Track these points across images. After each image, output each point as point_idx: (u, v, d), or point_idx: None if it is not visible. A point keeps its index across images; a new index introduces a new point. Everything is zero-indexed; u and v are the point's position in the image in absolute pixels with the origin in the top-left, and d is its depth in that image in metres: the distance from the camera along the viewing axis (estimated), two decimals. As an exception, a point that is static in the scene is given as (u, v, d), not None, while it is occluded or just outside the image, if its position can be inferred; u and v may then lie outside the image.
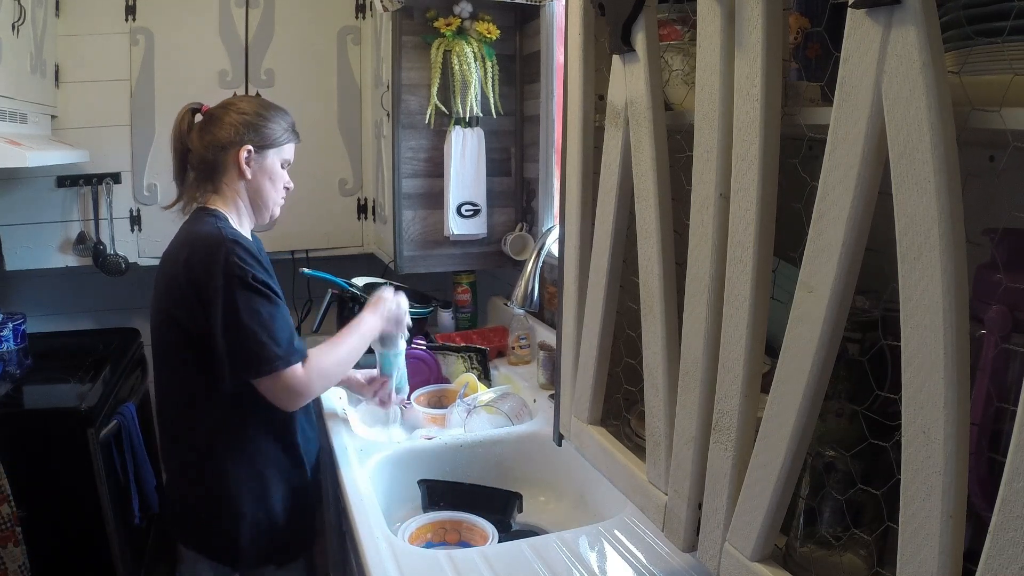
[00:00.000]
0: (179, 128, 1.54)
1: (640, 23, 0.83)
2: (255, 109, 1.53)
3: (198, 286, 1.39)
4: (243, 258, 1.40)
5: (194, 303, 1.39)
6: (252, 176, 1.52)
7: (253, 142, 1.50)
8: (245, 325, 1.37)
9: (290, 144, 1.58)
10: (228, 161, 1.51)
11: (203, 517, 1.50)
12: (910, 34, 0.52)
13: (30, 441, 1.87)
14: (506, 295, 2.42)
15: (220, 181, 1.52)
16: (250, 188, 1.53)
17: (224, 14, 2.43)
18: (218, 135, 1.50)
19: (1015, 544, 0.47)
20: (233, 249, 1.40)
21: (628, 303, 0.97)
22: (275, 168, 1.55)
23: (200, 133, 1.52)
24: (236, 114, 1.51)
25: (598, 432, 1.01)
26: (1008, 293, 0.59)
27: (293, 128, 1.59)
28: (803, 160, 0.70)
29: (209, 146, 1.50)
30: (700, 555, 0.79)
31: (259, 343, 1.37)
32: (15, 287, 2.60)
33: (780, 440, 0.66)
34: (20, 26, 1.93)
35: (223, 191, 1.53)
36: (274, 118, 1.54)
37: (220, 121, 1.50)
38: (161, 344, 1.50)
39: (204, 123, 1.53)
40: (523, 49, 2.27)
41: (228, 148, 1.50)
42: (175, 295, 1.42)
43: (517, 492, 1.49)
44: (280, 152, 1.56)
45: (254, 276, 1.39)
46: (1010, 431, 0.47)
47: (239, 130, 1.49)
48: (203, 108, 1.56)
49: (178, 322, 1.43)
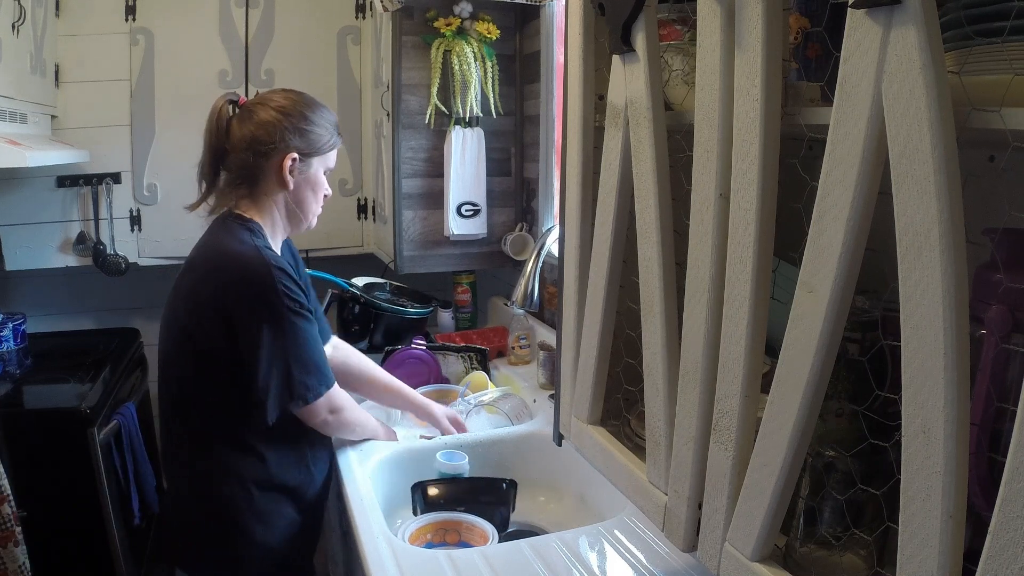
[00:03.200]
0: (216, 123, 1.40)
1: (640, 23, 0.83)
2: (300, 109, 1.41)
3: (227, 312, 1.32)
4: (289, 287, 1.34)
5: (219, 324, 1.33)
6: (295, 186, 1.42)
7: (299, 149, 1.39)
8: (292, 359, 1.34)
9: (335, 150, 1.48)
10: (270, 167, 1.39)
11: (209, 540, 1.43)
12: (910, 34, 0.52)
13: (30, 441, 1.87)
14: (506, 295, 2.42)
15: (258, 188, 1.41)
16: (291, 198, 1.43)
17: (224, 14, 2.43)
18: (260, 136, 1.37)
19: (1015, 544, 0.47)
20: (279, 277, 1.33)
21: (628, 303, 0.97)
22: (318, 177, 1.46)
23: (240, 130, 1.38)
24: (279, 113, 1.38)
25: (598, 432, 1.01)
26: (1008, 293, 0.59)
27: (337, 129, 1.48)
28: (803, 160, 0.70)
29: (250, 148, 1.37)
30: (700, 555, 0.79)
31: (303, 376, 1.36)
32: (15, 287, 2.60)
33: (780, 440, 0.66)
34: (20, 26, 1.93)
35: (260, 199, 1.42)
36: (320, 120, 1.43)
37: (262, 119, 1.38)
38: (173, 355, 1.42)
39: (242, 119, 1.39)
40: (523, 49, 2.27)
41: (271, 154, 1.38)
42: (197, 314, 1.36)
43: (512, 480, 1.48)
44: (325, 160, 1.46)
45: (300, 303, 1.36)
46: (1010, 431, 0.47)
47: (284, 134, 1.37)
48: (240, 100, 1.43)
49: (193, 338, 1.37)
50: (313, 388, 1.38)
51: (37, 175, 2.33)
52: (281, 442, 1.43)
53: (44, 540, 1.84)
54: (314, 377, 1.38)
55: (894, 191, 0.54)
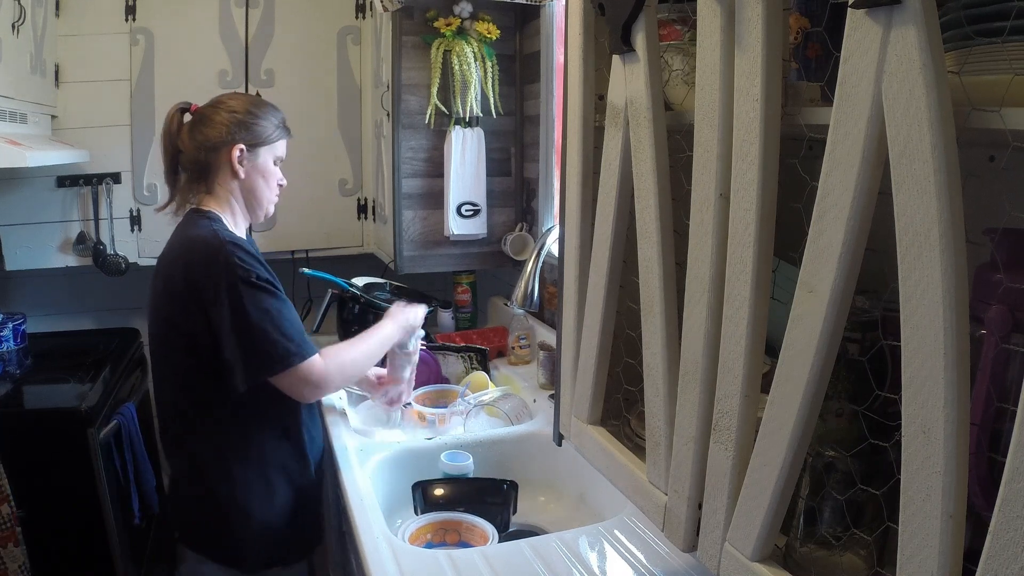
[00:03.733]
0: (169, 129, 1.53)
1: (640, 23, 0.83)
2: (245, 107, 1.51)
3: (198, 290, 1.38)
4: (243, 259, 1.39)
5: (194, 308, 1.39)
6: (245, 175, 1.51)
7: (245, 140, 1.49)
8: (255, 324, 1.37)
9: (282, 140, 1.57)
10: (220, 161, 1.49)
11: (209, 520, 1.49)
12: (910, 34, 0.52)
13: (30, 441, 1.87)
14: (506, 295, 2.42)
15: (213, 181, 1.51)
16: (244, 187, 1.52)
17: (224, 14, 2.43)
18: (209, 134, 1.48)
19: (1015, 544, 0.47)
20: (232, 251, 1.39)
21: (628, 303, 0.97)
22: (268, 165, 1.54)
23: (191, 133, 1.50)
24: (226, 112, 1.49)
25: (598, 432, 1.01)
26: (1008, 293, 0.59)
27: (284, 124, 1.58)
28: (803, 160, 0.70)
29: (200, 146, 1.48)
30: (700, 555, 0.79)
31: (271, 340, 1.37)
32: (15, 287, 2.60)
33: (780, 440, 0.66)
34: (20, 26, 1.93)
35: (216, 191, 1.51)
36: (264, 115, 1.53)
37: (210, 120, 1.49)
38: (161, 349, 1.49)
39: (194, 123, 1.51)
40: (523, 49, 2.27)
41: (219, 148, 1.48)
42: (174, 300, 1.42)
43: (512, 481, 1.48)
44: (272, 149, 1.55)
45: (257, 275, 1.39)
46: (1010, 431, 0.47)
47: (230, 129, 1.48)
48: (192, 107, 1.54)
49: (178, 327, 1.42)
50: (280, 358, 1.38)
51: (37, 175, 2.33)
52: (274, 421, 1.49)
53: (44, 540, 1.84)
54: (281, 347, 1.38)
55: (894, 191, 0.54)
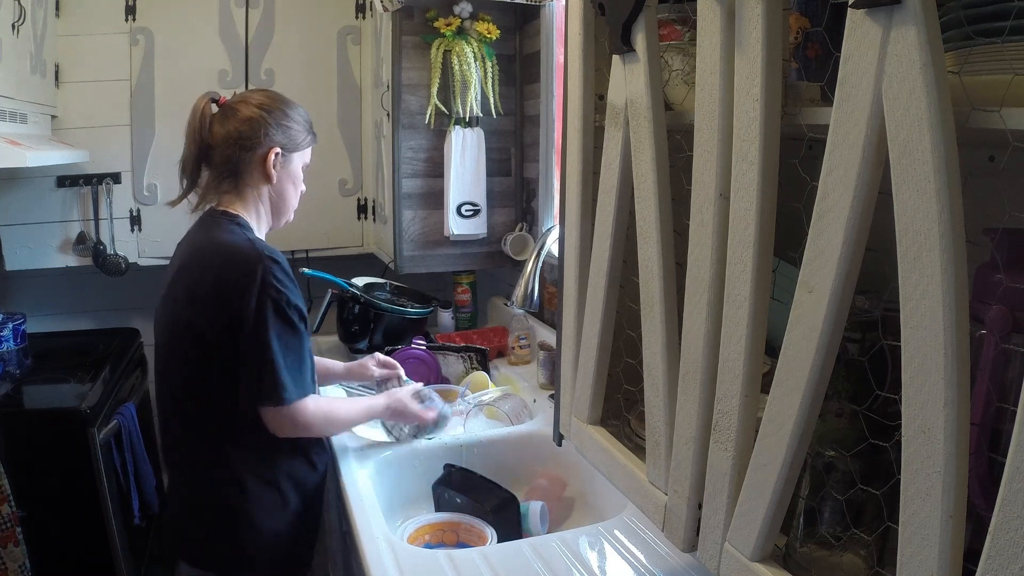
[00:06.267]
0: (199, 120, 1.44)
1: (640, 23, 0.83)
2: (280, 107, 1.46)
3: (227, 301, 1.34)
4: (280, 279, 1.35)
5: (221, 317, 1.34)
6: (277, 179, 1.46)
7: (281, 144, 1.45)
8: (268, 355, 1.33)
9: (311, 147, 1.54)
10: (254, 162, 1.44)
11: (214, 531, 1.43)
12: (910, 34, 0.52)
13: (30, 441, 1.87)
14: (506, 295, 2.42)
15: (243, 182, 1.45)
16: (274, 192, 1.48)
17: (224, 14, 2.43)
18: (245, 132, 1.42)
19: (1015, 544, 0.47)
20: (270, 267, 1.34)
21: (628, 303, 0.97)
22: (298, 171, 1.51)
23: (223, 127, 1.43)
24: (261, 109, 1.44)
25: (598, 432, 1.01)
26: (1008, 293, 0.59)
27: (311, 127, 1.54)
28: (803, 160, 0.70)
29: (236, 144, 1.42)
30: (700, 555, 0.79)
31: (276, 373, 1.34)
32: (15, 287, 2.60)
33: (780, 440, 0.66)
34: (20, 26, 1.93)
35: (245, 193, 1.46)
36: (298, 118, 1.49)
37: (245, 116, 1.43)
38: (175, 352, 1.43)
39: (224, 116, 1.44)
40: (523, 49, 2.27)
41: (256, 148, 1.43)
42: (198, 305, 1.37)
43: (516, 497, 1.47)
44: (303, 155, 1.52)
45: (288, 300, 1.35)
46: (1010, 431, 0.47)
47: (267, 129, 1.43)
48: (221, 100, 1.48)
49: (198, 332, 1.37)
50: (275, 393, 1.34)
51: (37, 175, 2.33)
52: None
53: (44, 540, 1.84)
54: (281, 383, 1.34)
55: (894, 191, 0.54)
